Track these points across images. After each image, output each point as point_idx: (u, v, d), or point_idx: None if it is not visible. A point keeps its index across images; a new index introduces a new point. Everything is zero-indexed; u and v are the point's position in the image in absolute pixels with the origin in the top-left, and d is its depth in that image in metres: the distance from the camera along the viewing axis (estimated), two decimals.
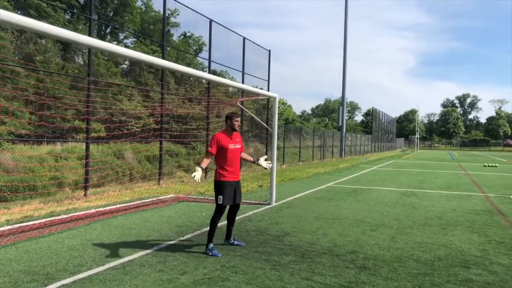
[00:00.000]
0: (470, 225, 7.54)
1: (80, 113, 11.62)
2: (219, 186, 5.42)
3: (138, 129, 15.62)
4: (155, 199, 9.56)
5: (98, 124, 14.25)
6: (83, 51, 22.59)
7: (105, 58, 23.74)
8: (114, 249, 5.30)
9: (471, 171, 21.66)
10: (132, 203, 8.85)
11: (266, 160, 6.17)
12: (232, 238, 5.80)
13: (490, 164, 27.35)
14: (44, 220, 6.79)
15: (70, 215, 7.26)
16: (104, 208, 8.06)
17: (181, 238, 6.01)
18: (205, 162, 5.42)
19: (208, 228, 5.44)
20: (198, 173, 5.22)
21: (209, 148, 5.48)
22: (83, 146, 12.75)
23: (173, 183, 13.14)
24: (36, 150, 12.13)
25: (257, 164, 6.03)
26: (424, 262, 5.17)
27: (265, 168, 6.16)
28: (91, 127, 13.56)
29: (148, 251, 5.29)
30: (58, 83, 12.57)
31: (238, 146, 5.63)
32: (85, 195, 9.99)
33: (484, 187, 13.90)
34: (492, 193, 12.30)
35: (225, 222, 5.82)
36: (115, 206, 8.31)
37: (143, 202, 9.03)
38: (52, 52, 21.28)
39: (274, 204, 9.23)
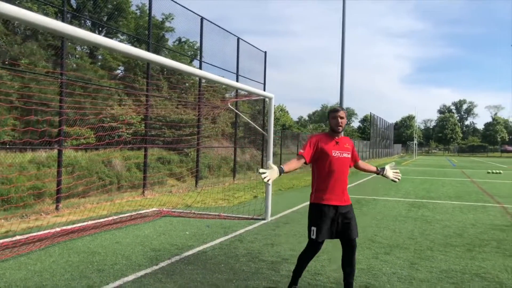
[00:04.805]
0: (498, 245, 6.45)
1: (69, 118, 10.61)
2: (314, 212, 3.86)
3: (129, 136, 14.57)
4: (134, 213, 8.41)
5: (87, 130, 13.21)
6: (76, 56, 21.54)
7: (92, 62, 22.68)
8: (62, 287, 4.17)
9: (477, 179, 20.61)
10: (106, 219, 7.69)
11: (393, 168, 4.43)
12: None
13: (494, 171, 26.33)
14: None
15: (26, 236, 6.11)
16: (72, 226, 6.91)
17: (154, 267, 4.87)
18: (290, 165, 3.74)
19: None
20: (271, 172, 3.50)
21: (301, 150, 3.87)
22: (69, 153, 11.69)
23: (160, 193, 12.00)
24: (18, 158, 11.09)
25: (383, 175, 4.36)
26: None
27: (393, 181, 4.41)
28: (73, 131, 12.55)
29: (107, 287, 4.16)
30: (44, 87, 11.54)
31: (346, 155, 3.93)
32: (56, 208, 8.83)
33: (497, 197, 12.83)
34: (508, 204, 11.22)
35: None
36: (84, 224, 7.15)
37: (120, 217, 7.89)
38: (38, 55, 20.18)
39: (269, 219, 8.11)
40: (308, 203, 4.05)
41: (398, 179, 4.40)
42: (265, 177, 3.46)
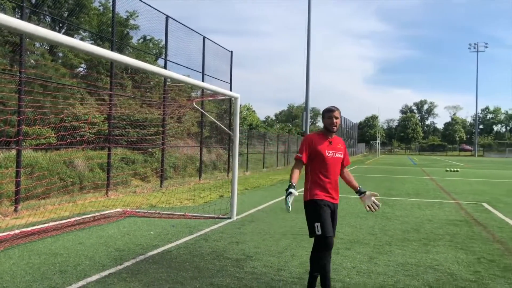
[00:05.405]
0: (451, 239, 6.81)
1: (28, 118, 10.25)
2: (313, 208, 3.84)
3: (92, 136, 14.23)
4: (98, 214, 8.29)
5: (47, 130, 12.82)
6: (34, 52, 20.79)
7: (53, 59, 22.01)
8: None
9: (435, 176, 21.50)
10: (68, 220, 7.55)
11: (374, 196, 4.26)
12: None
13: (452, 169, 27.51)
14: None
15: None
16: (33, 228, 6.74)
17: (119, 267, 4.85)
18: (296, 176, 3.88)
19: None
20: (292, 199, 3.71)
21: (298, 154, 3.97)
22: (28, 153, 11.30)
23: (124, 194, 11.84)
24: None
25: (359, 197, 4.31)
26: None
27: (366, 209, 4.28)
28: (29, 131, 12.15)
29: None
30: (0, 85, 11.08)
31: (339, 155, 4.03)
32: (15, 210, 8.56)
33: (453, 194, 13.46)
34: (463, 200, 11.82)
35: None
36: (45, 225, 6.99)
37: (83, 218, 7.75)
38: None
39: (235, 218, 8.20)
40: (261, 206, 4.15)
41: (372, 211, 4.23)
42: (289, 208, 3.69)
